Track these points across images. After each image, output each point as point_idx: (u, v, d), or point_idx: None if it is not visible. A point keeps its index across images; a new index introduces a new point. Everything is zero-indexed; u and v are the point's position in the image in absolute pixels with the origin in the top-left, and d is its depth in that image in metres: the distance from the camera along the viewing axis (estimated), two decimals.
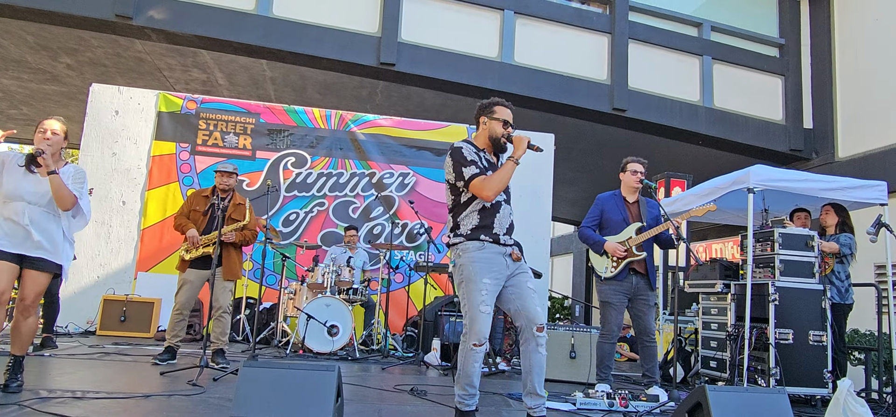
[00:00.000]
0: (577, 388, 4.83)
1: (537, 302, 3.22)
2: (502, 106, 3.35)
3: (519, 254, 3.27)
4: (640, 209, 5.02)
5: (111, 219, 8.24)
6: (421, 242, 8.61)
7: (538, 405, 3.14)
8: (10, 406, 3.00)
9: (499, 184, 3.18)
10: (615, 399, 4.22)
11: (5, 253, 3.49)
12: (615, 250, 4.84)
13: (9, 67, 10.37)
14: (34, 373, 4.22)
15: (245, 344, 7.21)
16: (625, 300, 4.91)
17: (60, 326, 6.86)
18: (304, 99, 10.70)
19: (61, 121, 3.78)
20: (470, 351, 3.11)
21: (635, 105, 9.53)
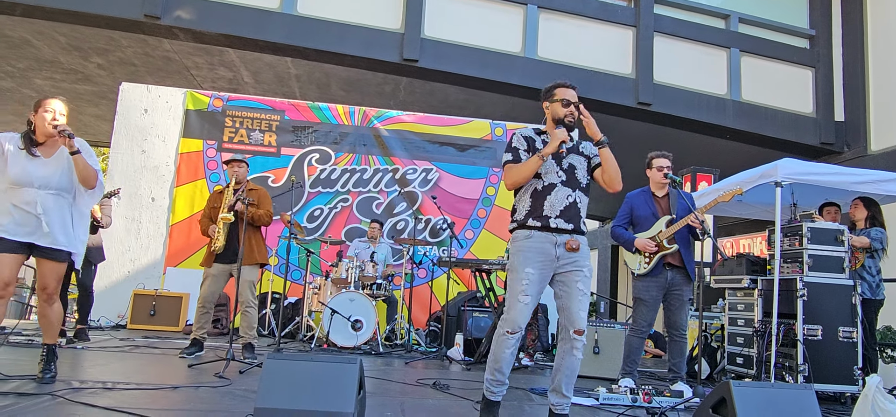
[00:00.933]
0: (600, 383, 4.80)
1: (583, 306, 3.10)
2: (563, 87, 3.23)
3: (575, 244, 3.10)
4: (670, 201, 4.97)
5: (141, 216, 8.41)
6: (444, 237, 8.63)
7: (562, 403, 3.12)
8: (43, 397, 3.09)
9: (517, 175, 3.13)
10: (638, 395, 4.20)
11: (12, 243, 3.42)
12: (645, 245, 4.79)
13: (43, 68, 10.63)
14: (67, 365, 4.34)
15: (271, 337, 7.31)
16: (659, 295, 4.85)
17: (93, 320, 7.04)
18: (329, 96, 10.79)
19: (64, 102, 3.70)
20: (503, 337, 3.06)
21: (661, 99, 9.41)
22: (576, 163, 3.21)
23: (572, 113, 3.17)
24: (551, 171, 3.16)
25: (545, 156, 3.10)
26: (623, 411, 3.91)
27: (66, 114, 3.65)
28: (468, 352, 6.38)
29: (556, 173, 3.16)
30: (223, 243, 5.29)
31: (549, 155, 3.11)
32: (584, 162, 3.25)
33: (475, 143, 9.10)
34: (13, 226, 3.43)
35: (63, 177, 3.59)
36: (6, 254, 3.42)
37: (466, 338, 6.52)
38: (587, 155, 3.27)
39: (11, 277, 3.45)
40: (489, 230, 8.87)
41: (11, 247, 3.43)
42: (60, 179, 3.57)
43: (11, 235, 3.42)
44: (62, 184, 3.58)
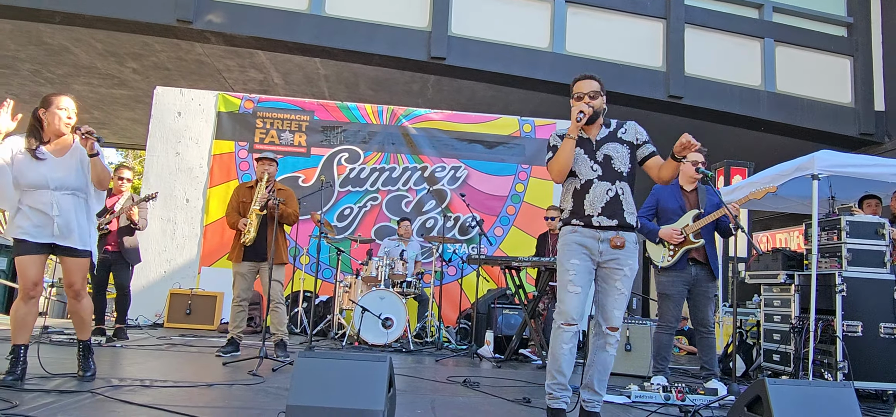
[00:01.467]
0: (632, 381, 4.75)
1: (620, 304, 3.06)
2: (579, 79, 3.18)
3: (620, 241, 3.04)
4: (699, 196, 4.89)
5: (176, 217, 8.59)
6: (473, 235, 8.62)
7: (593, 400, 3.10)
8: (83, 394, 3.18)
9: (556, 163, 3.08)
10: (671, 392, 4.14)
11: (35, 245, 3.43)
12: (671, 236, 4.73)
13: (80, 73, 10.93)
14: (107, 363, 4.46)
15: (303, 336, 7.40)
16: (684, 290, 4.79)
17: (131, 319, 7.21)
18: (357, 95, 10.87)
19: (73, 99, 3.63)
20: (558, 330, 3.02)
21: (692, 91, 9.26)
22: (613, 152, 3.13)
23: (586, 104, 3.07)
24: (585, 166, 3.11)
25: (573, 135, 3.05)
26: (655, 409, 3.86)
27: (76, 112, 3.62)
28: (499, 350, 6.37)
29: (590, 168, 3.10)
30: (254, 236, 5.36)
31: (575, 132, 3.05)
32: (625, 149, 3.15)
33: (503, 140, 9.07)
34: (33, 228, 3.43)
35: (78, 177, 3.57)
36: (29, 256, 3.44)
37: (497, 336, 6.52)
38: (628, 140, 3.17)
39: (38, 277, 3.49)
40: (519, 227, 8.83)
41: (33, 249, 3.44)
42: (76, 179, 3.56)
43: (33, 237, 3.43)
44: (78, 184, 3.57)
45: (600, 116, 3.18)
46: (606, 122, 3.21)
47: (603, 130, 3.19)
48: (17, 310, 3.47)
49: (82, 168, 3.59)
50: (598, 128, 3.19)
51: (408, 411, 3.28)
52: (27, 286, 3.45)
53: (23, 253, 3.44)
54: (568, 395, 3.06)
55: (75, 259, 3.55)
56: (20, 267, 3.46)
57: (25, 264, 3.44)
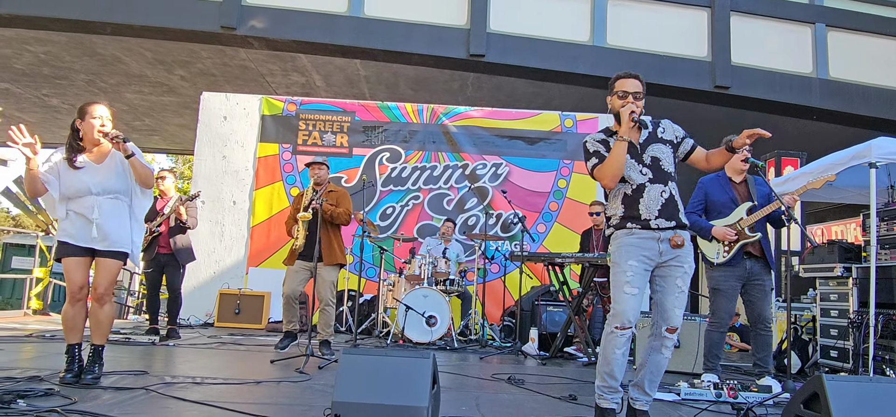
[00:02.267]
0: (680, 378, 4.64)
1: (680, 303, 2.97)
2: (622, 77, 3.08)
3: (680, 240, 2.97)
4: (749, 188, 4.73)
5: (224, 219, 8.80)
6: (515, 232, 8.57)
7: (642, 400, 3.02)
8: (137, 391, 3.28)
9: (611, 168, 2.96)
10: (723, 390, 4.02)
11: (76, 248, 3.52)
12: (725, 234, 4.59)
13: (131, 82, 11.29)
14: (161, 361, 4.60)
15: (348, 334, 7.48)
16: (737, 286, 4.65)
17: (183, 318, 7.43)
18: (398, 95, 10.92)
19: (108, 106, 3.71)
20: (611, 335, 2.92)
21: (740, 81, 9.00)
22: (659, 153, 3.05)
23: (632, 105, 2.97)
24: (634, 170, 3.02)
25: (625, 136, 2.95)
26: (706, 406, 3.76)
27: (110, 118, 3.68)
28: (543, 347, 6.31)
29: (639, 172, 3.01)
30: (303, 241, 5.45)
31: (628, 134, 2.96)
32: (668, 149, 3.07)
33: (545, 136, 8.98)
34: (76, 232, 3.54)
35: (118, 181, 3.65)
36: (73, 259, 3.55)
37: (541, 333, 6.46)
38: (669, 139, 3.10)
39: (83, 281, 3.58)
40: (561, 223, 8.74)
41: (77, 252, 3.55)
42: (116, 182, 3.63)
43: (74, 240, 3.54)
44: (118, 187, 3.64)
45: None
46: (641, 123, 3.12)
47: (643, 132, 3.09)
48: (65, 313, 3.61)
49: (123, 171, 3.67)
50: (637, 130, 3.10)
51: (452, 408, 3.28)
52: (73, 289, 3.57)
53: (66, 256, 3.56)
54: (618, 397, 2.98)
55: (108, 260, 3.60)
56: (66, 271, 3.58)
57: (70, 267, 3.56)
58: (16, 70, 10.88)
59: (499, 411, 3.33)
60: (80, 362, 3.58)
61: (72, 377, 3.47)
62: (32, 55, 10.19)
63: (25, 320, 7.94)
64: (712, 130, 10.03)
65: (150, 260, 6.41)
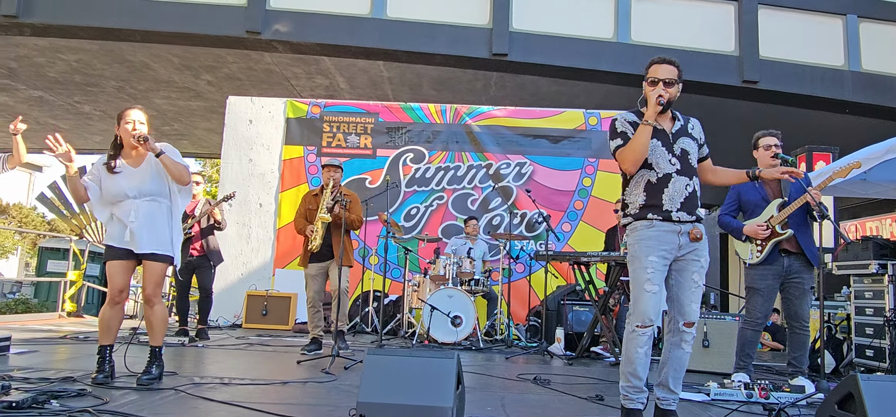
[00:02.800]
0: (710, 378, 4.57)
1: (696, 298, 2.92)
2: (656, 63, 3.01)
3: (699, 234, 2.93)
4: (781, 183, 4.63)
5: (250, 221, 8.90)
6: (540, 231, 8.52)
7: (668, 399, 2.96)
8: (166, 391, 3.33)
9: (632, 152, 2.90)
10: (754, 390, 3.94)
11: (119, 251, 3.61)
12: (756, 232, 4.49)
13: (160, 88, 11.50)
14: (191, 362, 4.67)
15: (374, 334, 7.51)
16: (775, 284, 4.54)
17: (212, 320, 7.52)
18: (421, 96, 10.94)
19: (143, 110, 3.78)
20: (632, 333, 2.87)
21: (768, 75, 8.83)
22: (688, 147, 3.01)
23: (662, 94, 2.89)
24: (663, 159, 2.95)
25: (650, 120, 2.87)
26: (737, 407, 3.69)
27: (145, 122, 3.75)
28: (570, 347, 6.26)
29: (668, 161, 2.95)
30: (320, 242, 5.50)
31: (654, 119, 2.87)
32: (695, 145, 3.06)
33: (569, 134, 8.91)
34: (117, 235, 3.64)
35: (154, 183, 3.71)
36: (116, 261, 3.64)
37: (567, 333, 6.41)
38: (696, 138, 3.08)
39: (123, 284, 3.66)
40: (587, 222, 8.67)
41: (119, 255, 3.63)
42: (152, 184, 3.69)
43: (116, 243, 3.63)
44: (155, 189, 3.70)
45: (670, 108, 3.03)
46: (674, 115, 3.08)
47: (676, 123, 3.06)
48: (103, 314, 3.69)
49: (159, 172, 3.72)
50: (669, 120, 3.06)
51: (478, 408, 3.26)
52: (113, 292, 3.65)
53: (110, 259, 3.65)
54: (644, 397, 2.93)
55: (152, 263, 3.66)
56: (108, 273, 3.67)
57: (112, 270, 3.65)
58: (49, 78, 11.15)
59: (524, 411, 3.31)
60: (111, 363, 3.64)
61: (102, 377, 3.53)
62: (65, 63, 10.43)
63: (60, 322, 8.12)
64: (741, 126, 9.89)
65: (182, 263, 6.50)
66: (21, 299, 12.34)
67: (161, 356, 3.75)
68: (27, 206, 30.28)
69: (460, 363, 2.80)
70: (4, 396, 2.87)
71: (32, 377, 3.56)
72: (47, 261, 11.09)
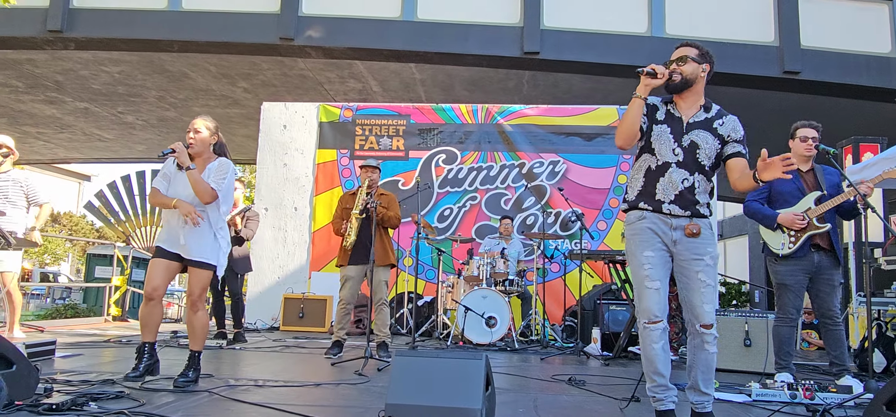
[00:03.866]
0: (752, 378, 4.43)
1: (709, 298, 2.78)
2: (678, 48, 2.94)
3: (695, 229, 2.79)
4: (817, 177, 4.47)
5: (286, 225, 9.02)
6: (574, 230, 8.42)
7: (701, 402, 2.85)
8: (201, 394, 3.38)
9: (622, 126, 2.81)
10: (798, 390, 3.80)
11: (165, 252, 3.71)
12: (793, 221, 4.34)
13: (198, 97, 11.76)
14: (227, 364, 4.74)
15: (408, 336, 7.52)
16: (804, 280, 4.39)
17: (250, 322, 7.66)
18: (453, 97, 10.93)
19: (206, 120, 3.87)
20: (644, 330, 2.81)
21: (810, 65, 8.55)
22: (701, 140, 2.84)
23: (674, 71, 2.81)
24: (666, 146, 2.85)
25: (639, 93, 2.76)
26: (779, 408, 3.56)
27: (202, 129, 3.82)
28: (607, 347, 6.16)
29: (671, 151, 2.84)
30: (354, 238, 5.50)
31: (643, 92, 2.76)
32: (715, 142, 2.85)
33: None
34: (167, 237, 3.76)
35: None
36: (158, 260, 3.74)
37: (604, 333, 6.31)
38: (721, 134, 2.87)
39: (160, 282, 3.72)
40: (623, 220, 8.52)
41: (165, 255, 3.74)
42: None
43: (166, 245, 3.75)
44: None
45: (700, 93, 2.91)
46: (707, 105, 2.92)
47: (700, 113, 2.89)
48: (141, 311, 3.82)
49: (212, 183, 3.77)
50: (693, 107, 2.90)
51: (509, 409, 3.23)
52: (147, 288, 3.73)
53: (155, 257, 3.78)
54: (673, 394, 2.83)
55: (196, 269, 3.74)
56: (149, 268, 3.77)
57: (151, 267, 3.76)
58: (93, 90, 11.52)
59: (557, 413, 3.26)
60: (149, 360, 3.74)
61: (135, 375, 3.61)
62: (108, 75, 10.76)
63: (105, 326, 8.37)
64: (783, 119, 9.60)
65: None
66: (70, 304, 12.78)
67: (199, 360, 3.81)
68: (77, 215, 31.38)
69: (489, 364, 2.77)
70: (46, 398, 2.95)
71: (74, 380, 3.66)
72: (95, 267, 11.44)
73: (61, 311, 12.11)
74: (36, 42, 9.27)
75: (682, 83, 2.86)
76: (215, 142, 3.91)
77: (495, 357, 5.62)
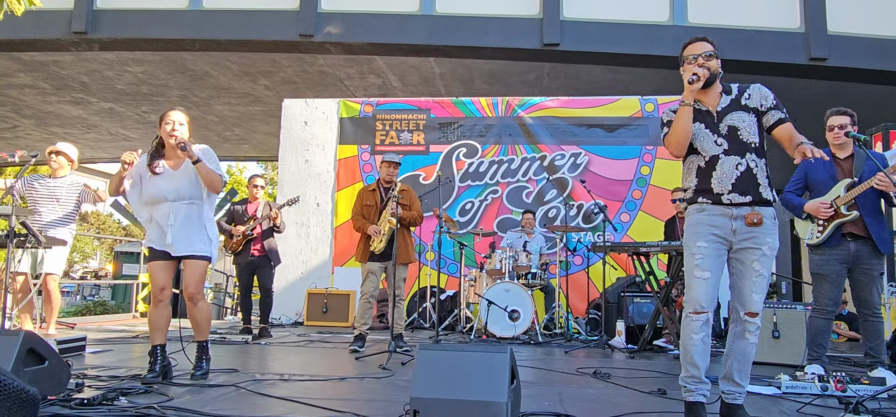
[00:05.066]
0: (781, 370, 4.36)
1: (760, 287, 2.76)
2: (688, 44, 2.94)
3: (756, 218, 2.75)
4: (855, 163, 4.36)
5: (309, 220, 9.08)
6: (597, 222, 8.35)
7: (733, 392, 2.82)
8: (228, 388, 3.42)
9: (674, 136, 2.84)
10: (829, 382, 3.73)
11: (158, 252, 3.69)
12: (817, 210, 4.26)
13: (220, 95, 11.87)
14: (254, 359, 4.79)
15: (432, 330, 7.53)
16: (842, 270, 4.30)
17: (275, 318, 7.72)
18: (473, 90, 10.90)
19: (183, 111, 3.81)
20: (687, 319, 2.79)
21: (838, 51, 8.36)
22: (738, 122, 2.83)
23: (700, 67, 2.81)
24: (707, 141, 2.84)
25: (687, 100, 2.79)
26: (811, 400, 3.50)
27: (185, 123, 3.77)
28: (631, 340, 6.11)
29: (714, 143, 2.83)
30: (384, 246, 5.51)
31: (690, 97, 2.79)
32: (752, 118, 2.84)
33: (625, 122, 8.68)
34: (156, 237, 3.71)
35: (192, 187, 3.74)
36: (156, 262, 3.73)
37: (628, 325, 6.25)
38: (754, 106, 2.86)
39: (165, 282, 3.73)
40: (646, 211, 8.44)
41: (159, 256, 3.71)
42: (190, 188, 3.73)
43: (157, 245, 3.70)
44: (193, 193, 3.74)
45: (718, 82, 2.91)
46: (726, 88, 2.92)
47: (724, 99, 2.89)
48: (150, 314, 3.79)
49: (198, 177, 3.73)
50: (716, 96, 2.91)
51: (534, 403, 3.21)
52: (155, 291, 3.75)
53: (151, 260, 3.77)
54: (705, 388, 2.80)
55: (192, 261, 3.73)
56: (149, 274, 3.79)
57: (153, 270, 3.75)
58: (118, 90, 11.69)
59: (583, 406, 3.23)
60: (163, 362, 3.69)
61: (152, 377, 3.58)
62: (131, 75, 10.90)
63: (134, 322, 8.50)
64: (811, 105, 9.41)
65: (243, 263, 6.67)
66: (99, 301, 13.02)
67: (208, 349, 3.86)
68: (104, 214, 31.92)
69: (514, 357, 2.76)
70: (78, 393, 3.01)
71: (104, 375, 3.72)
72: (123, 265, 11.63)
73: (91, 308, 12.34)
74: (61, 43, 9.42)
75: (712, 78, 2.86)
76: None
77: (519, 351, 5.60)
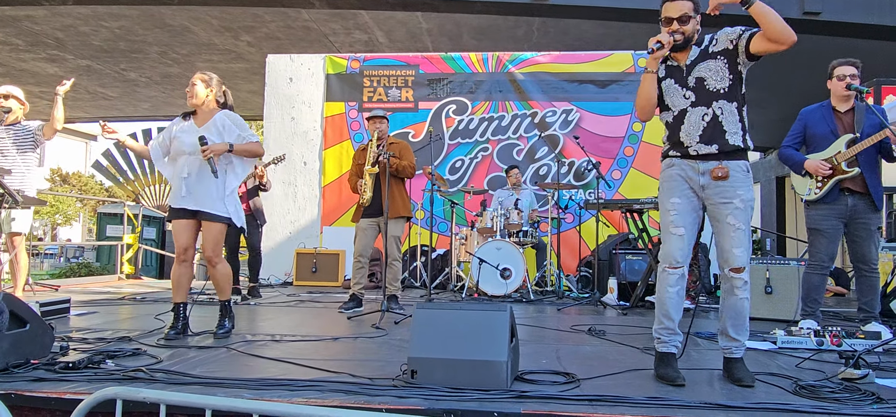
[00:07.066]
0: (775, 325, 4.35)
1: (738, 241, 2.74)
2: (666, 1, 2.85)
3: (722, 172, 2.73)
4: (856, 117, 4.29)
5: (296, 180, 8.93)
6: (589, 179, 8.29)
7: (730, 347, 2.84)
8: (219, 349, 3.34)
9: (638, 102, 2.91)
10: (825, 337, 3.72)
11: (179, 211, 3.71)
12: (817, 169, 4.21)
13: (201, 51, 11.56)
14: (243, 320, 4.70)
15: (422, 289, 7.49)
16: (839, 225, 4.27)
17: (263, 278, 7.62)
18: (461, 46, 10.69)
19: (203, 74, 3.88)
20: (663, 273, 2.84)
21: (832, 5, 8.25)
22: (704, 72, 2.80)
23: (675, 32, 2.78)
24: (676, 96, 2.87)
25: (650, 68, 2.84)
26: (809, 355, 3.49)
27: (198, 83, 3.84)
28: (623, 297, 6.10)
29: (682, 96, 2.85)
30: (371, 195, 5.39)
31: (653, 66, 2.83)
32: (721, 63, 2.78)
33: (617, 78, 8.56)
34: (176, 192, 3.75)
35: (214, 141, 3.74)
36: (177, 221, 3.75)
37: (621, 283, 6.23)
38: (721, 50, 2.79)
39: (187, 242, 3.75)
40: (638, 168, 8.38)
41: (181, 215, 3.74)
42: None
43: (175, 202, 3.74)
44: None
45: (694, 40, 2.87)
46: (698, 40, 2.88)
47: (693, 50, 2.87)
48: (173, 272, 3.83)
49: (219, 132, 3.77)
50: (686, 51, 2.88)
51: (532, 361, 3.16)
52: (178, 250, 3.77)
53: (173, 219, 3.77)
54: (677, 340, 2.85)
55: (209, 223, 3.72)
56: (173, 232, 3.79)
57: (175, 229, 3.76)
58: (95, 47, 11.33)
59: (581, 362, 3.19)
60: (184, 320, 3.76)
61: (174, 333, 3.65)
62: (108, 31, 10.56)
63: (119, 284, 8.38)
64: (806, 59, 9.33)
65: None
66: (83, 263, 12.85)
67: (231, 308, 3.95)
68: (86, 175, 31.43)
69: (513, 315, 2.70)
70: (63, 356, 2.91)
71: (90, 337, 3.62)
72: (106, 226, 11.44)
73: (75, 270, 12.18)
74: None
75: (685, 42, 2.84)
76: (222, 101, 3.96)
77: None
